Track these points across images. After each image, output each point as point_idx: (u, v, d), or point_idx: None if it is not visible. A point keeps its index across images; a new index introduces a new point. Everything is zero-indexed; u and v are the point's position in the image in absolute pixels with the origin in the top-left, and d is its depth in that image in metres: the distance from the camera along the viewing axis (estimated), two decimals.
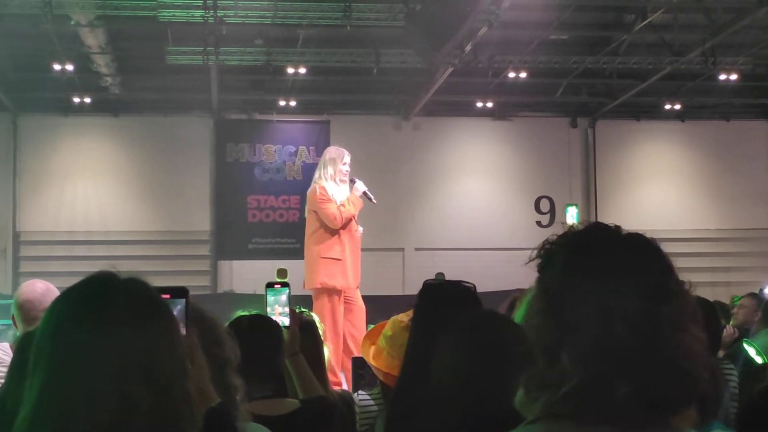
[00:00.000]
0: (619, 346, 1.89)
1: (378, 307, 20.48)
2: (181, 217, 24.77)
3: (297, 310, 5.11)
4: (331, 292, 10.72)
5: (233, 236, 24.51)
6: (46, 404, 1.85)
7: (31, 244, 24.67)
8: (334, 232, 10.72)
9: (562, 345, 1.91)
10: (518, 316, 3.17)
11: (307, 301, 10.25)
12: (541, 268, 2.05)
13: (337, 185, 10.86)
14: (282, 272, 6.19)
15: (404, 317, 4.45)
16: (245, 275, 24.10)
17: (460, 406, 2.64)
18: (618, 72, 22.75)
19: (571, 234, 2.06)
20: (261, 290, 16.49)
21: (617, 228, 2.08)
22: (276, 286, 4.77)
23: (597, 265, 1.97)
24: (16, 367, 3.41)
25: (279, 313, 4.64)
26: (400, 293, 23.97)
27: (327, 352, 5.46)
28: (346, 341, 10.40)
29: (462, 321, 2.83)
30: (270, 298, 4.70)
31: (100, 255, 23.78)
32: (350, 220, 10.94)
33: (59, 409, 1.82)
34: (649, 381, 1.88)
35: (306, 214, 10.92)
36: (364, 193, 11.17)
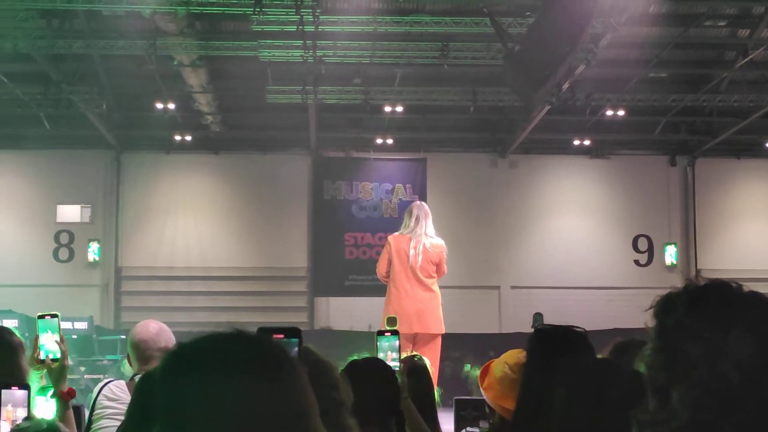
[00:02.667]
0: (728, 392, 1.90)
1: (475, 345, 20.56)
2: (279, 254, 25.00)
3: (404, 356, 5.24)
4: None
5: (330, 273, 24.65)
6: None
7: (132, 279, 25.09)
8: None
9: (673, 384, 1.94)
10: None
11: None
12: (660, 311, 2.08)
13: None
14: (392, 320, 6.38)
15: (521, 359, 4.46)
16: (342, 312, 24.23)
17: None
18: (718, 110, 22.48)
19: (692, 285, 2.09)
20: (357, 327, 16.75)
21: (739, 285, 2.08)
22: (386, 333, 4.95)
23: (716, 312, 2.00)
24: (135, 408, 3.49)
25: (391, 359, 4.81)
26: (497, 331, 23.89)
27: (437, 394, 5.56)
28: None
29: (574, 370, 2.83)
30: (384, 344, 4.90)
31: (198, 291, 24.15)
32: None
33: None
34: (756, 430, 1.88)
35: (422, 256, 11.12)
36: None
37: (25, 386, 4.05)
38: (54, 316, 4.76)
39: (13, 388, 3.97)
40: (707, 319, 1.99)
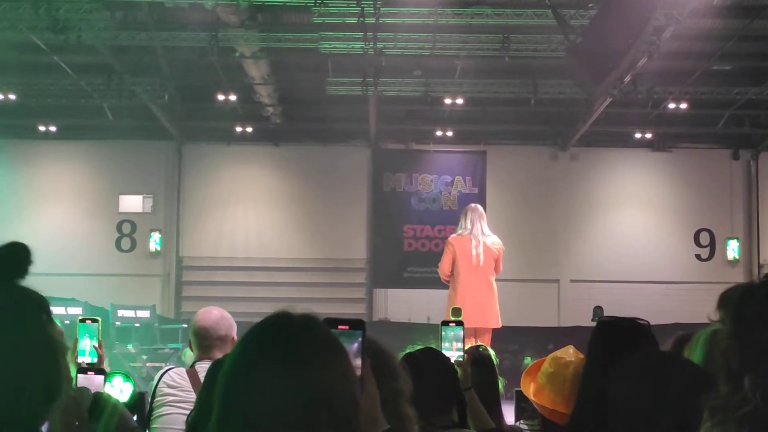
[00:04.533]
0: None
1: (533, 338, 20.52)
2: (338, 245, 25.10)
3: (469, 347, 5.30)
4: None
5: (389, 265, 24.71)
6: None
7: (193, 269, 25.32)
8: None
9: (746, 371, 1.94)
10: (690, 356, 3.15)
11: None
12: (740, 299, 2.09)
13: None
14: (456, 311, 6.46)
15: (563, 354, 4.49)
16: (400, 304, 24.27)
17: None
18: None
19: None
20: (415, 319, 16.97)
21: None
22: (451, 324, 5.03)
23: None
24: (206, 395, 3.55)
25: (456, 349, 4.88)
26: (555, 325, 23.80)
27: (501, 385, 5.62)
28: None
29: (636, 361, 2.82)
30: (449, 334, 4.97)
31: (258, 281, 24.30)
32: None
33: None
34: None
35: (483, 255, 11.83)
36: None
37: (101, 371, 4.15)
38: (94, 320, 4.89)
39: (89, 373, 4.08)
40: None
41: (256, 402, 1.91)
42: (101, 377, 4.07)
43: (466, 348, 5.14)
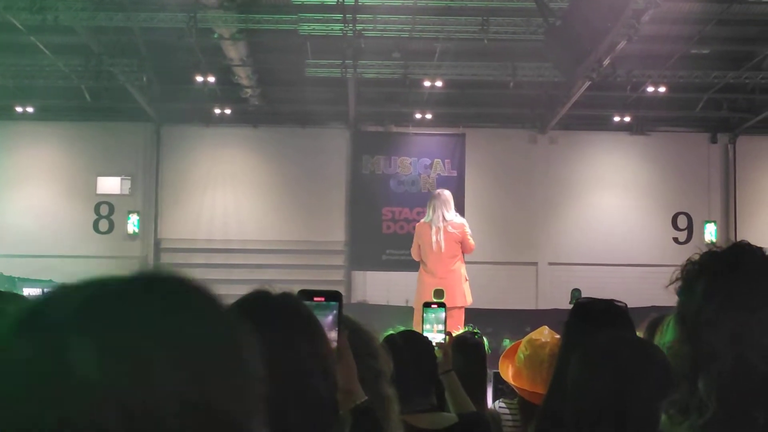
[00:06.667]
0: (753, 378, 1.84)
1: (511, 320, 20.54)
2: (317, 228, 25.08)
3: (464, 331, 5.28)
4: None
5: (367, 247, 24.70)
6: None
7: (171, 251, 25.25)
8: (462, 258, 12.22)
9: (699, 373, 1.88)
10: (661, 340, 3.12)
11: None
12: (680, 294, 2.00)
13: None
14: (439, 293, 6.43)
15: (539, 336, 4.51)
16: (379, 286, 24.28)
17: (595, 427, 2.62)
18: (761, 87, 22.23)
19: (711, 256, 1.98)
20: (394, 302, 17.04)
21: (761, 251, 1.97)
22: (433, 306, 5.00)
23: (736, 292, 1.90)
24: None
25: (437, 330, 4.85)
26: (533, 307, 23.86)
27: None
28: None
29: (594, 342, 2.82)
30: (431, 316, 4.93)
31: (237, 263, 24.25)
32: None
33: None
34: None
35: (444, 241, 11.93)
36: None
37: None
38: None
39: None
40: (727, 298, 1.89)
41: None
42: None
43: (456, 333, 5.13)
